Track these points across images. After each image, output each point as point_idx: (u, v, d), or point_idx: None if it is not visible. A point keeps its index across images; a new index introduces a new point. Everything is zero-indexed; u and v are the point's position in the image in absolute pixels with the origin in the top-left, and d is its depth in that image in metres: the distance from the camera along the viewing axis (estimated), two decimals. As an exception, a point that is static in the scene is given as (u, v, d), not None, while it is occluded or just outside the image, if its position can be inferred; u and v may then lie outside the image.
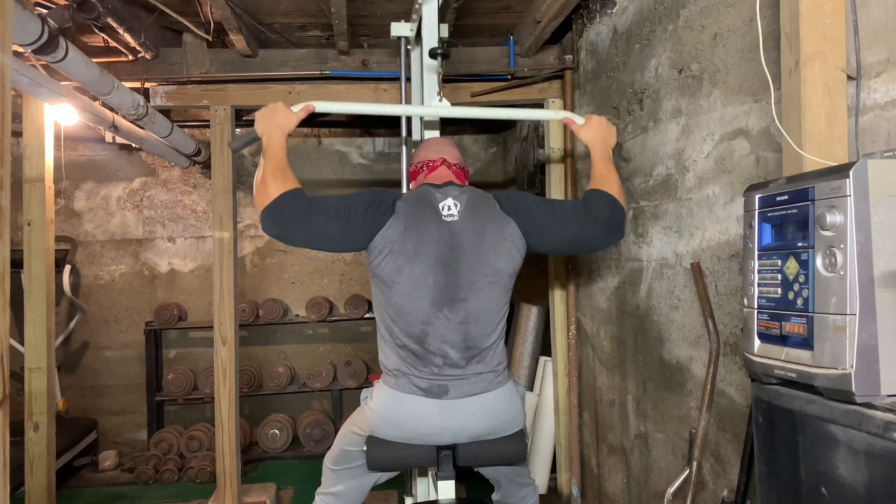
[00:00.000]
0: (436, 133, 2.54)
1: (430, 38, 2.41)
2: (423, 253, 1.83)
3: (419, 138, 2.68)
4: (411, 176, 2.13)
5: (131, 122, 3.64)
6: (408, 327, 1.85)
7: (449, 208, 1.90)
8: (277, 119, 1.92)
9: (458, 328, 1.85)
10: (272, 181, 1.80)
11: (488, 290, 1.88)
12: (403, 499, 2.50)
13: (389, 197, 1.90)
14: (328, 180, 5.54)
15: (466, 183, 2.07)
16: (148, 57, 3.33)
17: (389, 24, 2.72)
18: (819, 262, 1.14)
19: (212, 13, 3.02)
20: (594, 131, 2.15)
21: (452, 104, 2.23)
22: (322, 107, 2.01)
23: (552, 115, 2.37)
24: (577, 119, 2.17)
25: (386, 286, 1.85)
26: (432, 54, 2.20)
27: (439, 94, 2.07)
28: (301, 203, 1.79)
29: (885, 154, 1.17)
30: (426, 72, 2.48)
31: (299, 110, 1.97)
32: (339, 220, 1.81)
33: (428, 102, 2.42)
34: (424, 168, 2.07)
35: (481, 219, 1.90)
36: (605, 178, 2.04)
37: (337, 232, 1.81)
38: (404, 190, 2.61)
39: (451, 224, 1.88)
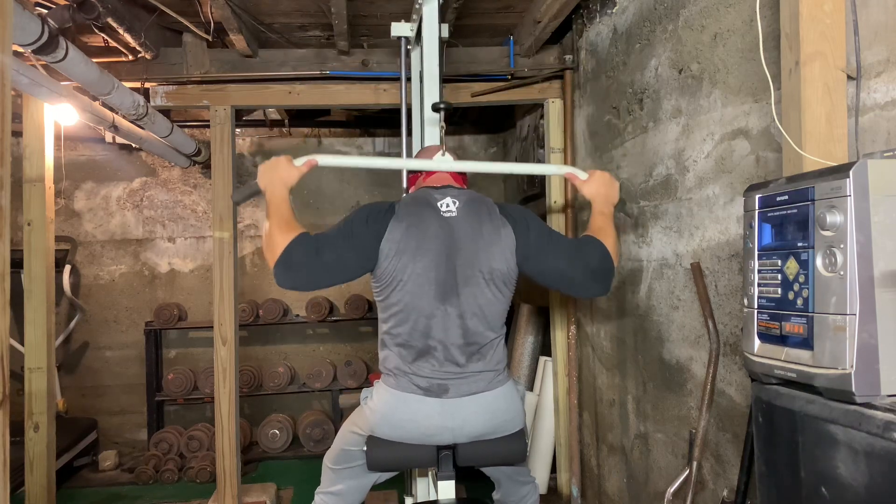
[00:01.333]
0: (436, 131, 2.53)
1: (431, 38, 2.42)
2: (425, 248, 1.84)
3: (419, 137, 2.68)
4: (410, 181, 2.15)
5: (131, 122, 3.64)
6: (412, 323, 1.86)
7: (448, 206, 1.92)
8: (280, 173, 1.91)
9: (458, 322, 1.86)
10: (279, 235, 1.79)
11: (483, 286, 1.89)
12: (403, 499, 2.50)
13: (385, 204, 1.92)
14: (328, 180, 5.54)
15: (465, 186, 2.09)
16: (148, 57, 3.33)
17: (389, 24, 2.72)
18: (819, 262, 1.14)
19: (212, 13, 3.02)
20: (597, 187, 2.11)
21: (453, 103, 2.22)
22: (325, 161, 1.99)
23: (555, 169, 2.35)
24: (580, 174, 2.13)
25: (392, 287, 1.86)
26: (435, 108, 2.19)
27: (442, 148, 2.06)
28: (308, 245, 1.79)
29: (885, 154, 1.17)
30: (427, 125, 2.49)
31: (302, 165, 1.95)
32: (347, 244, 1.82)
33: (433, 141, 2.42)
34: (423, 173, 2.09)
35: (480, 216, 1.92)
36: (602, 232, 1.99)
37: (350, 255, 1.82)
38: (404, 188, 2.62)
39: (450, 219, 1.90)
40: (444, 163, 2.05)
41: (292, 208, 1.90)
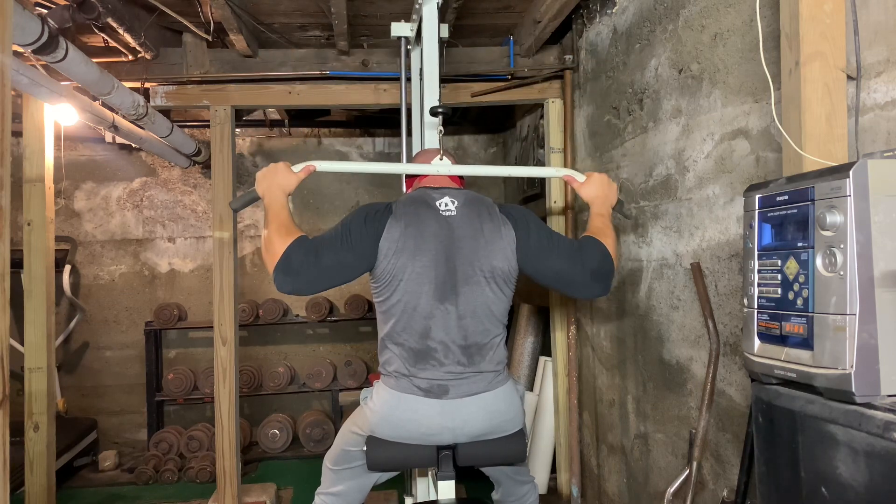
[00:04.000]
0: (435, 133, 2.53)
1: (430, 38, 2.41)
2: (424, 248, 1.84)
3: (419, 137, 2.68)
4: (409, 184, 2.14)
5: (131, 122, 3.64)
6: (412, 324, 1.85)
7: (446, 204, 1.92)
8: (278, 179, 1.92)
9: (458, 322, 1.85)
10: (277, 240, 1.80)
11: (484, 285, 1.88)
12: (403, 499, 2.50)
13: (382, 204, 1.92)
14: (328, 181, 5.54)
15: (463, 186, 2.09)
16: (148, 57, 3.33)
17: (389, 24, 2.72)
18: (819, 262, 1.14)
19: (212, 13, 3.02)
20: (595, 189, 2.12)
21: (452, 103, 2.22)
22: (323, 167, 2.00)
23: (553, 172, 2.35)
24: (578, 176, 2.14)
25: (391, 287, 1.86)
26: (433, 112, 2.19)
27: (440, 152, 2.06)
28: (307, 248, 1.79)
29: (885, 154, 1.17)
30: (426, 129, 2.49)
31: (300, 171, 1.96)
32: (346, 245, 1.82)
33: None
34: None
35: (480, 215, 1.91)
36: (601, 233, 2.00)
37: (349, 256, 1.82)
38: (403, 189, 2.61)
39: (449, 218, 1.89)
40: (443, 167, 2.05)
41: (291, 214, 1.90)
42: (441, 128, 2.18)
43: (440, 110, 2.16)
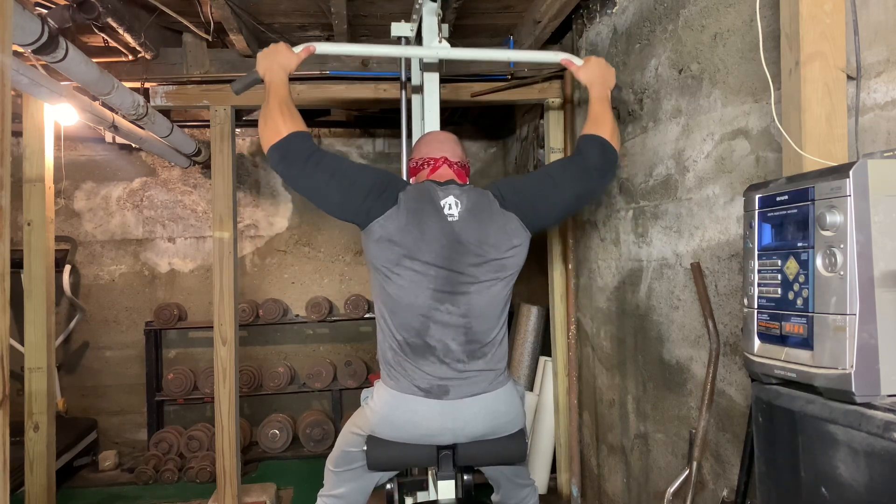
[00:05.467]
0: (435, 125, 2.51)
1: (430, 39, 2.41)
2: (424, 248, 1.81)
3: (421, 133, 2.67)
4: (412, 172, 2.09)
5: (131, 122, 3.64)
6: (407, 320, 1.83)
7: (450, 206, 1.87)
8: (279, 58, 1.96)
9: (460, 322, 1.83)
10: (280, 117, 1.82)
11: (491, 284, 1.86)
12: (404, 499, 2.49)
13: (395, 185, 1.87)
14: (328, 180, 5.53)
15: (467, 181, 2.06)
16: (148, 57, 3.33)
17: (389, 24, 2.71)
18: (819, 262, 1.14)
19: (212, 13, 3.02)
20: (593, 71, 2.14)
21: (452, 100, 2.21)
22: (322, 48, 2.04)
23: (551, 56, 2.34)
24: (576, 60, 2.18)
25: (384, 276, 1.84)
26: None
27: (439, 36, 2.05)
28: (309, 149, 1.80)
29: (885, 154, 1.17)
30: (426, 14, 2.44)
31: (300, 51, 2.01)
32: (341, 187, 1.81)
33: (428, 44, 2.38)
34: (425, 166, 2.03)
35: (483, 219, 1.87)
36: (599, 118, 2.02)
37: (336, 197, 1.82)
38: (404, 173, 2.60)
39: (453, 223, 1.85)
40: (442, 50, 2.03)
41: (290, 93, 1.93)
42: (440, 11, 2.18)
43: None
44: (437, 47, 2.02)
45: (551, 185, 1.93)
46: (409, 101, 2.75)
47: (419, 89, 2.67)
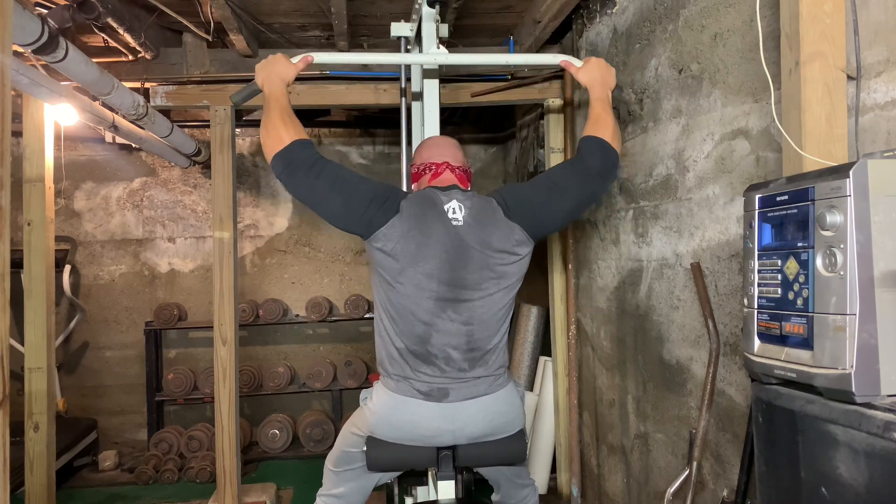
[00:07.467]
0: (435, 130, 2.52)
1: (430, 44, 2.40)
2: (427, 254, 1.80)
3: (419, 137, 2.67)
4: (413, 177, 2.07)
5: (131, 122, 3.64)
6: (409, 327, 1.82)
7: (454, 211, 1.86)
8: (277, 69, 1.96)
9: (462, 329, 1.83)
10: (282, 125, 1.83)
11: (493, 292, 1.86)
12: (404, 499, 2.49)
13: (396, 195, 1.86)
14: (328, 180, 5.53)
15: (469, 186, 2.05)
16: (148, 57, 3.33)
17: (389, 24, 2.71)
18: (819, 262, 1.14)
19: (212, 13, 3.02)
20: (593, 72, 2.14)
21: (452, 103, 2.22)
22: (321, 58, 2.05)
23: (550, 59, 2.35)
24: (575, 62, 2.18)
25: (388, 285, 1.83)
26: (430, 3, 2.21)
27: (437, 41, 2.05)
28: (312, 158, 1.81)
29: (885, 154, 1.17)
30: (425, 20, 2.45)
31: (298, 61, 2.01)
32: (342, 196, 1.80)
33: (427, 49, 2.38)
34: (427, 171, 2.02)
35: (487, 226, 1.86)
36: (599, 120, 2.01)
37: (338, 205, 1.81)
38: (404, 187, 2.61)
39: (458, 228, 1.84)
40: (440, 56, 2.04)
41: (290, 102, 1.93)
42: (438, 18, 2.18)
43: None
44: (435, 53, 2.03)
45: (555, 193, 1.92)
46: (409, 108, 2.74)
47: (419, 96, 2.68)
